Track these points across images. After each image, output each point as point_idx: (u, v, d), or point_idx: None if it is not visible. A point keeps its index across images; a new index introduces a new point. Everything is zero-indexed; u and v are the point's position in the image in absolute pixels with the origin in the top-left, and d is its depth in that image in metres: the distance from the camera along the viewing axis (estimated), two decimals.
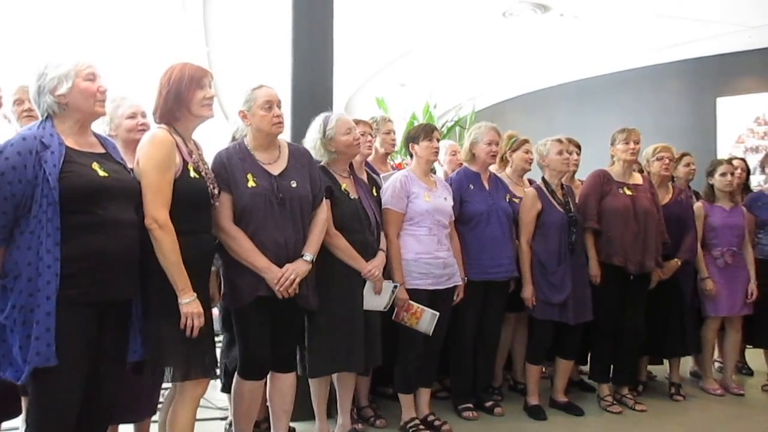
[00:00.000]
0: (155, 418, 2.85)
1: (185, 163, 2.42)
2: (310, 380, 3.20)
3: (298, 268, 2.71)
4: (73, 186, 2.07)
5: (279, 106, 2.79)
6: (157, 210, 2.29)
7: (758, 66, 8.03)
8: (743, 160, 5.09)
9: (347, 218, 3.09)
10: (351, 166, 3.28)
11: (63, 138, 2.14)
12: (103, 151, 2.27)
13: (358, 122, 3.43)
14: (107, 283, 2.13)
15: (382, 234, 3.30)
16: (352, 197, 3.16)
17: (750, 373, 4.90)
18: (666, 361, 4.49)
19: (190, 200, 2.40)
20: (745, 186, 4.92)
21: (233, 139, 3.03)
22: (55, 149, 2.08)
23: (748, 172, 4.99)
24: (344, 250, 3.06)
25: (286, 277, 2.67)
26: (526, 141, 4.20)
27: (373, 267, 3.11)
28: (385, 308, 3.23)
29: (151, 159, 2.33)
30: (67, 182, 2.06)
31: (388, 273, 3.29)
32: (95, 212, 2.11)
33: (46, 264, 2.01)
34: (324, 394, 3.28)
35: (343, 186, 3.16)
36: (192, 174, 2.43)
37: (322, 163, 3.18)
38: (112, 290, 2.16)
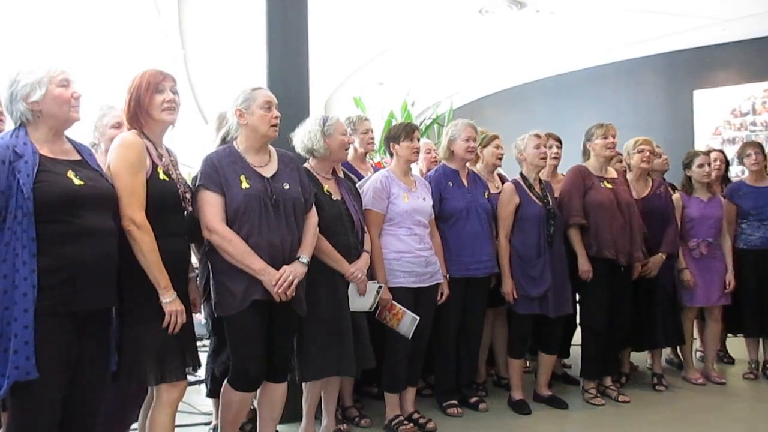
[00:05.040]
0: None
1: (155, 165, 2.41)
2: (303, 383, 3.19)
3: (296, 270, 2.68)
4: (47, 195, 2.04)
5: (277, 109, 2.78)
6: (134, 211, 2.28)
7: (733, 58, 8.15)
8: (721, 151, 5.15)
9: (330, 220, 3.08)
10: (334, 168, 3.28)
11: (37, 146, 2.11)
12: (78, 158, 2.24)
13: None
14: (86, 293, 2.10)
15: (367, 235, 3.29)
16: (334, 198, 3.16)
17: (731, 361, 4.96)
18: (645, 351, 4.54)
19: (159, 202, 2.38)
20: (725, 177, 4.97)
21: (223, 141, 2.99)
22: (29, 158, 2.06)
23: (727, 163, 5.04)
24: (327, 252, 3.05)
25: (284, 278, 2.62)
26: (496, 137, 4.20)
27: (357, 269, 3.11)
28: (370, 309, 3.23)
29: (122, 161, 2.32)
30: (42, 192, 2.03)
31: (371, 273, 3.30)
32: (71, 221, 2.09)
33: (23, 276, 1.98)
34: (317, 396, 3.28)
35: (326, 187, 3.16)
36: (161, 176, 2.41)
37: (305, 165, 3.18)
38: (91, 300, 2.14)
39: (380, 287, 3.24)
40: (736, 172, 6.92)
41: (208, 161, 2.72)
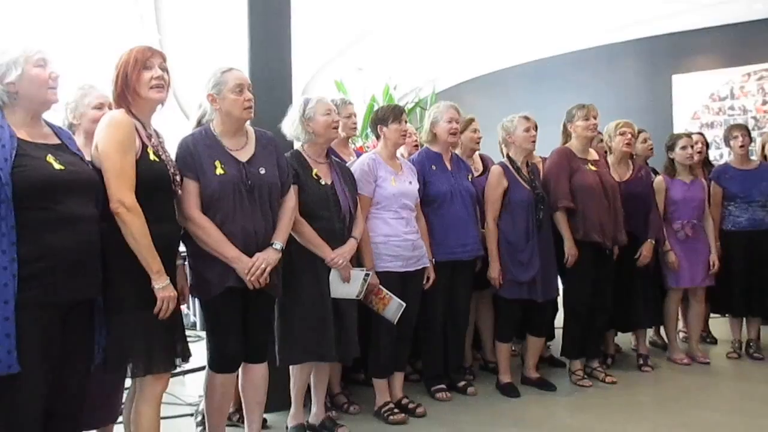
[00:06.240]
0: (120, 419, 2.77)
1: (144, 145, 2.33)
2: (291, 367, 3.16)
3: (269, 257, 2.65)
4: (27, 181, 1.96)
5: (249, 90, 2.71)
6: (123, 192, 2.20)
7: (712, 44, 8.21)
8: (701, 134, 5.18)
9: (315, 204, 3.05)
10: (328, 151, 3.23)
11: (14, 130, 2.03)
12: (57, 141, 2.16)
13: None
14: (69, 283, 2.03)
15: (357, 221, 3.23)
16: (323, 183, 3.11)
17: (714, 341, 5.02)
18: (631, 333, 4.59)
19: (150, 184, 2.30)
20: (706, 160, 5.01)
21: (199, 123, 2.92)
22: (6, 142, 1.97)
23: (707, 146, 5.07)
24: (308, 237, 3.02)
25: (257, 266, 2.60)
26: (472, 120, 4.18)
27: (338, 255, 3.06)
28: (357, 296, 3.18)
29: (111, 140, 2.23)
30: (21, 177, 1.95)
31: (358, 258, 3.26)
32: (52, 208, 2.01)
33: (2, 266, 1.90)
34: (304, 382, 3.24)
35: (315, 171, 3.11)
36: (152, 157, 2.33)
37: (297, 147, 3.14)
38: (75, 290, 2.06)
39: (367, 275, 3.19)
40: (714, 155, 6.98)
41: (183, 145, 2.67)
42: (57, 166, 2.06)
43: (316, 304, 3.04)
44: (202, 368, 3.13)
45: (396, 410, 3.46)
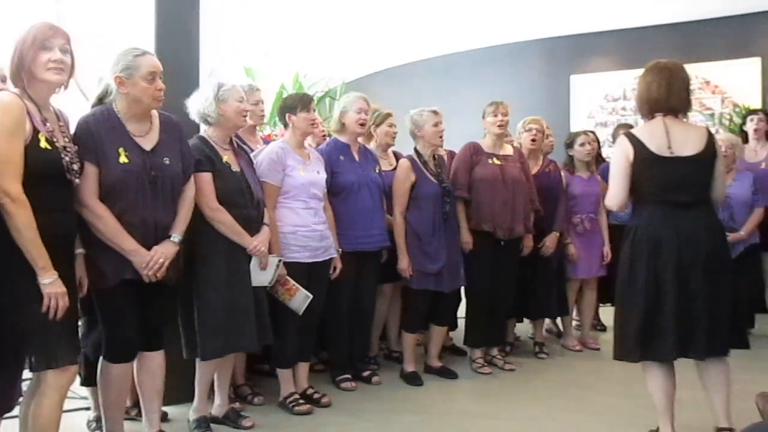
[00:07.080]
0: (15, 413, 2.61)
1: (36, 131, 2.19)
2: (197, 361, 3.08)
3: (167, 251, 2.59)
4: None
5: (161, 78, 2.61)
6: (8, 182, 2.07)
7: (609, 46, 8.64)
8: (593, 132, 5.43)
9: (230, 192, 2.98)
10: (231, 138, 3.16)
11: None
12: None
13: None
14: None
15: (266, 208, 3.20)
16: (234, 170, 3.05)
17: (603, 329, 5.32)
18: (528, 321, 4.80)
19: (39, 174, 2.17)
20: (598, 157, 5.26)
21: (99, 101, 2.76)
22: None
23: (598, 143, 5.33)
24: (229, 225, 2.95)
25: (155, 260, 2.54)
26: (389, 115, 4.23)
27: (259, 242, 3.03)
28: (270, 284, 3.16)
29: None
30: None
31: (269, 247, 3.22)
32: None
33: None
34: (211, 374, 3.16)
35: (225, 158, 3.04)
36: (42, 144, 2.20)
37: (202, 133, 3.05)
38: None
39: (280, 261, 3.17)
40: (607, 153, 7.33)
41: (83, 127, 2.53)
42: None
43: (237, 293, 2.97)
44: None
45: (301, 400, 3.44)
